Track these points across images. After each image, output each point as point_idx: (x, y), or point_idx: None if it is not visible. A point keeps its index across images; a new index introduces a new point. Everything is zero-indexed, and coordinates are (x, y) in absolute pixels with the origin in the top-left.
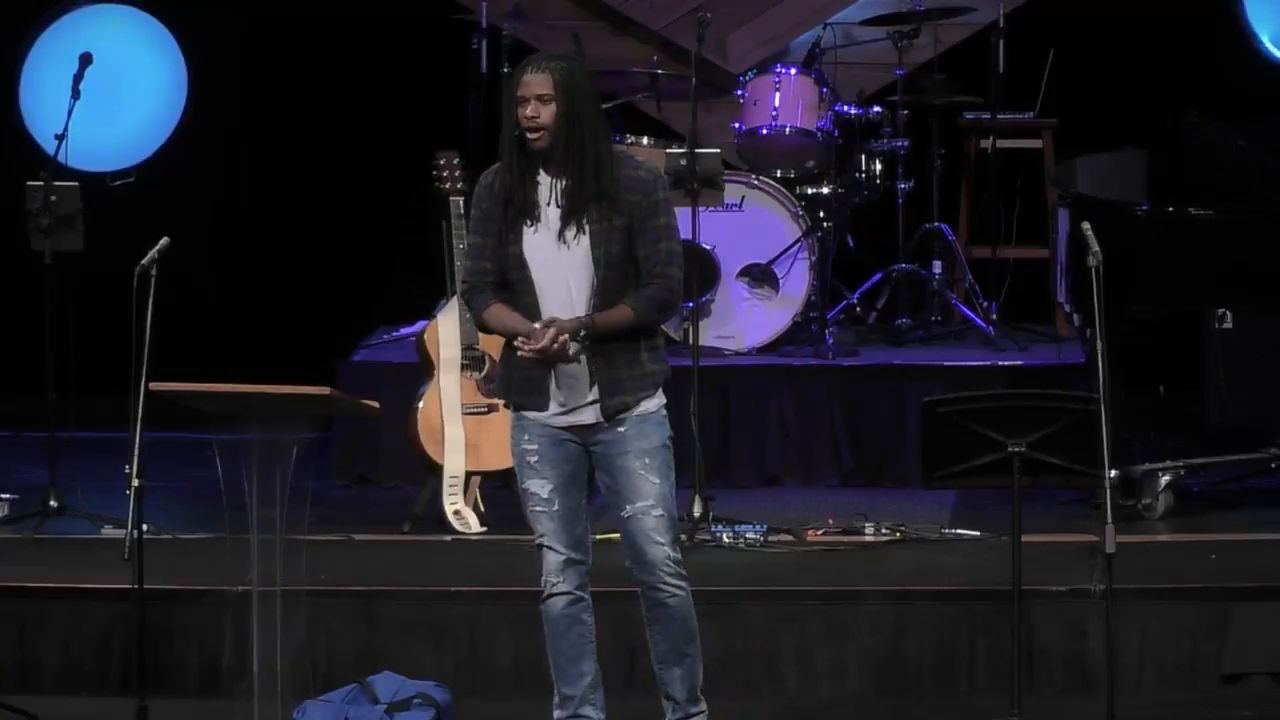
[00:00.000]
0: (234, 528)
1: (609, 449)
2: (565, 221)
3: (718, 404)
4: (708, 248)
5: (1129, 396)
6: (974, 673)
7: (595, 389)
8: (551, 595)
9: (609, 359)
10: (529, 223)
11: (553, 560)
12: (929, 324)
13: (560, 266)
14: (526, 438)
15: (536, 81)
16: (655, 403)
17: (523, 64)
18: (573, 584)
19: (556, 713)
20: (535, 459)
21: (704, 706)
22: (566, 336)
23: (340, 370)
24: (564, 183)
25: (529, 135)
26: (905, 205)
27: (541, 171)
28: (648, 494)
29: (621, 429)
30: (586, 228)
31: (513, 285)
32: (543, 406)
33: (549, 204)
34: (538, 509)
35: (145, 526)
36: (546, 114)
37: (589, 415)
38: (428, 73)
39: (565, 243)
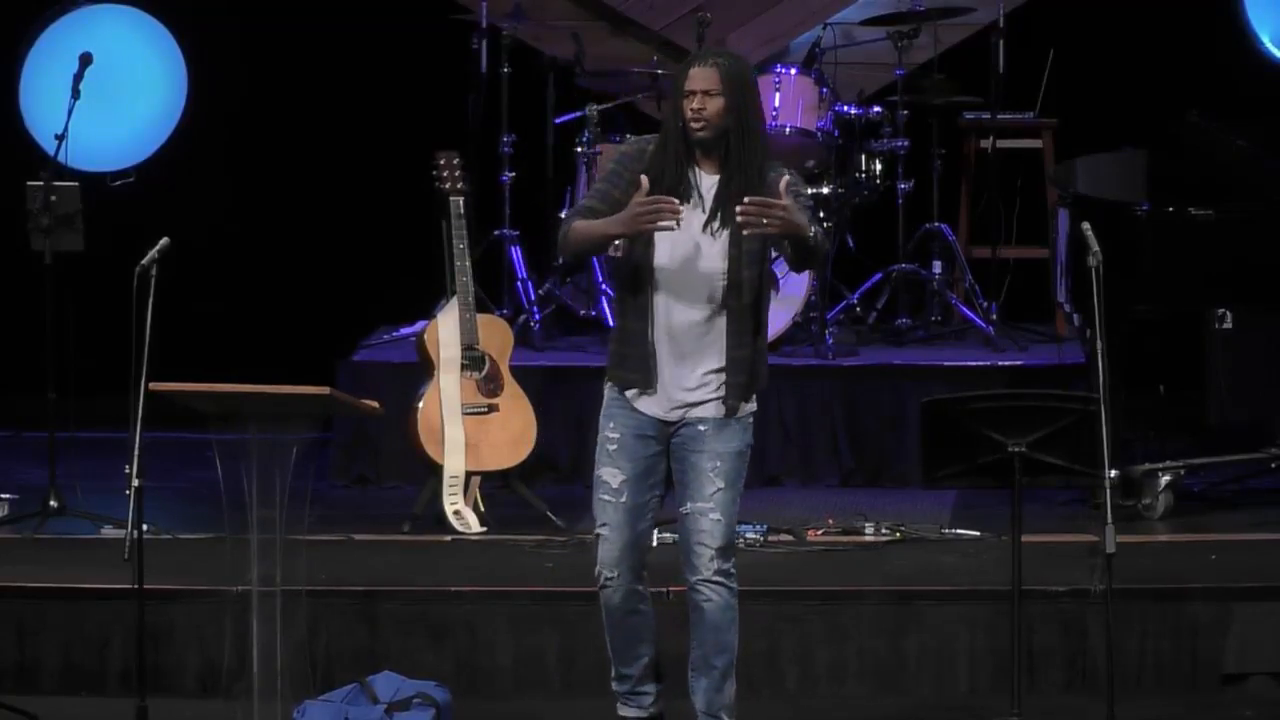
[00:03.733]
0: (234, 528)
1: (686, 443)
2: (713, 214)
3: None
4: None
5: (1129, 396)
6: (974, 673)
7: (696, 387)
8: (605, 586)
9: (733, 361)
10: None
11: (606, 552)
12: (929, 324)
13: (695, 258)
14: (611, 425)
15: (703, 76)
16: (744, 408)
17: (689, 59)
18: (627, 579)
19: (615, 685)
20: (614, 448)
21: None
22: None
23: (340, 370)
24: (716, 176)
25: (694, 126)
26: (905, 205)
27: (696, 166)
28: (709, 495)
29: (702, 427)
30: (731, 222)
31: (627, 273)
32: (649, 384)
33: (696, 196)
34: (605, 497)
35: (145, 526)
36: (713, 108)
37: (674, 413)
38: (428, 73)
39: (709, 234)
